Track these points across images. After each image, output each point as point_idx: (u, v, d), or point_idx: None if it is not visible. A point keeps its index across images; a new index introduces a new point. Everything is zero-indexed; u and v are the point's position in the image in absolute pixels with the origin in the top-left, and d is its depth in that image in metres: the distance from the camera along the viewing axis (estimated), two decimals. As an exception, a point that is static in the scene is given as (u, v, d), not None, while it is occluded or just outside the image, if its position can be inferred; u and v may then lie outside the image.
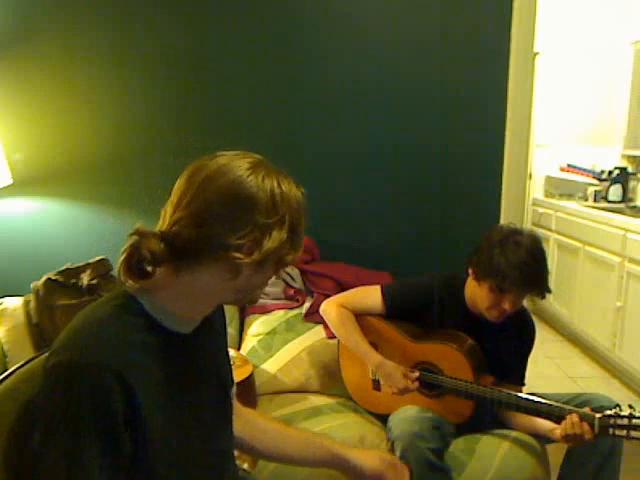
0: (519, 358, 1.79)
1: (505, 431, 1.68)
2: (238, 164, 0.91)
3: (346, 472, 1.14)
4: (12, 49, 2.27)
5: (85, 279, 1.98)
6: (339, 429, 1.72)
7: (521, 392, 1.65)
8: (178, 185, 0.92)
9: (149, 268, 0.87)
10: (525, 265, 1.56)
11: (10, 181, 2.18)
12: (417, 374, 1.69)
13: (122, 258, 0.88)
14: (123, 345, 0.84)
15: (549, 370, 3.34)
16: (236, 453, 1.16)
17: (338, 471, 1.15)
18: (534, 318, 1.85)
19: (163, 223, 0.91)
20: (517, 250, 1.58)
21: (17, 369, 0.98)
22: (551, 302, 3.98)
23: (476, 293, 1.67)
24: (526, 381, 1.80)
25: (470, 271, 1.70)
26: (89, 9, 2.31)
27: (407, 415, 1.56)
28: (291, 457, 1.17)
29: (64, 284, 1.96)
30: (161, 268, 0.88)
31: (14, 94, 2.30)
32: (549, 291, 1.62)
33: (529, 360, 1.81)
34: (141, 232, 0.88)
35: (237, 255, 0.86)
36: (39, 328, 1.90)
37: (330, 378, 2.01)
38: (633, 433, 1.39)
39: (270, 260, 0.90)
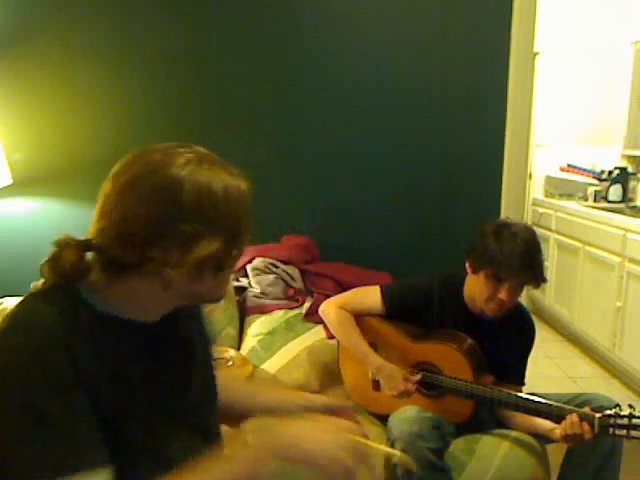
0: (519, 357, 1.79)
1: (505, 431, 1.68)
2: (168, 163, 0.83)
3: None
4: (12, 49, 2.27)
5: (85, 279, 1.97)
6: (339, 429, 1.72)
7: (521, 392, 1.65)
8: (104, 185, 0.86)
9: (72, 275, 0.83)
10: (520, 252, 1.57)
11: (10, 181, 2.18)
12: (418, 377, 1.69)
13: (44, 270, 0.84)
14: (67, 319, 0.81)
15: (549, 370, 3.34)
16: None
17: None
18: (534, 318, 1.85)
19: (92, 229, 0.85)
20: (512, 239, 1.59)
21: None
22: (551, 302, 3.98)
23: (474, 286, 1.67)
24: (526, 381, 1.79)
25: (467, 265, 1.70)
26: (89, 9, 2.31)
27: (407, 415, 1.56)
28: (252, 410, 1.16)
29: (64, 284, 1.95)
30: (93, 273, 0.84)
31: (14, 94, 2.30)
32: (544, 280, 1.63)
33: (529, 360, 1.81)
34: (62, 243, 0.85)
35: (162, 268, 0.81)
36: (39, 328, 1.89)
37: (330, 378, 2.01)
38: (633, 433, 1.39)
39: (206, 267, 0.83)
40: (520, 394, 1.58)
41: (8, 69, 2.29)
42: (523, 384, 1.77)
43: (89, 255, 0.84)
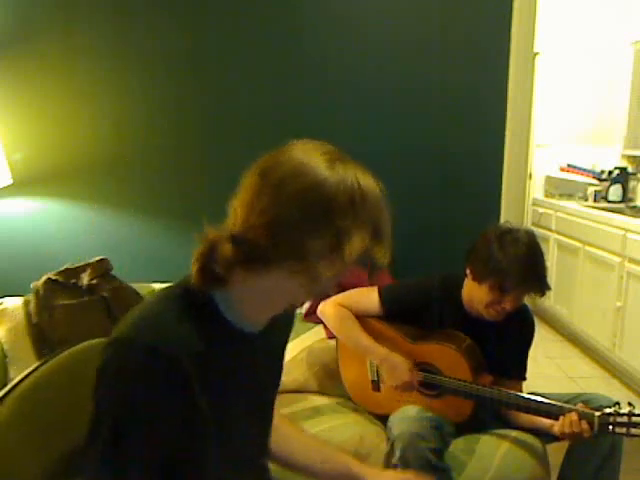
0: (520, 353, 1.79)
1: (505, 431, 1.68)
2: (314, 162, 0.85)
3: None
4: (12, 49, 2.27)
5: (85, 279, 1.98)
6: (339, 429, 1.72)
7: (522, 388, 1.66)
8: (249, 183, 0.87)
9: (222, 273, 0.84)
10: (525, 263, 1.56)
11: (10, 181, 2.18)
12: (421, 375, 1.69)
13: (196, 268, 0.85)
14: (184, 333, 0.81)
15: (549, 370, 3.34)
16: None
17: None
18: (534, 318, 1.85)
19: (234, 224, 0.85)
20: (516, 247, 1.57)
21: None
22: (551, 302, 3.98)
23: (474, 293, 1.66)
24: (526, 381, 1.80)
25: (468, 271, 1.69)
26: (89, 9, 2.31)
27: (407, 415, 1.56)
28: (309, 467, 1.15)
29: (64, 284, 1.95)
30: (234, 270, 0.84)
31: (14, 94, 2.30)
32: (549, 288, 1.62)
33: (529, 360, 1.81)
34: (213, 240, 0.85)
35: (316, 264, 0.82)
36: (39, 328, 1.89)
37: (330, 378, 2.01)
38: (633, 430, 1.39)
39: (351, 263, 0.85)
40: (519, 393, 1.58)
41: (8, 69, 2.28)
42: (524, 379, 1.78)
43: (234, 249, 0.84)
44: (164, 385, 0.78)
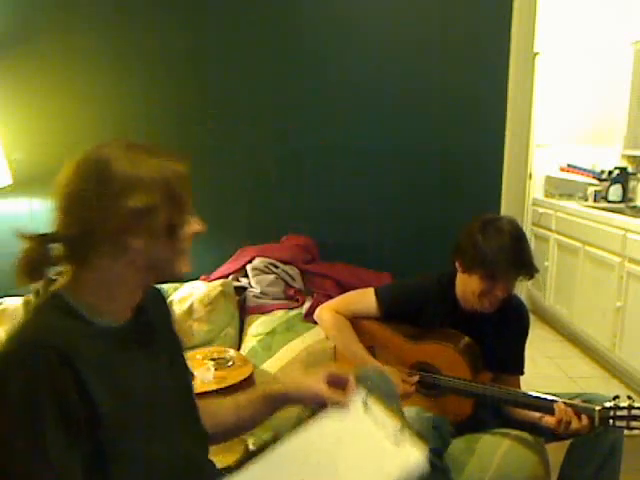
0: (517, 347, 1.80)
1: (505, 430, 1.68)
2: (95, 147, 0.92)
3: (294, 403, 1.13)
4: (12, 49, 2.27)
5: (85, 279, 1.97)
6: (339, 429, 1.72)
7: (520, 382, 1.68)
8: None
9: (46, 270, 0.90)
10: (511, 249, 1.58)
11: (10, 181, 2.18)
12: (416, 378, 1.69)
13: (17, 265, 0.91)
14: (62, 330, 0.86)
15: (549, 370, 3.34)
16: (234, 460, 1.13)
17: (290, 406, 1.13)
18: (534, 318, 1.85)
19: (53, 226, 0.92)
20: (501, 237, 1.59)
21: None
22: (551, 302, 3.98)
23: (466, 286, 1.67)
24: (526, 381, 1.80)
25: (457, 264, 1.70)
26: (89, 9, 2.31)
27: (406, 415, 1.56)
28: (239, 421, 1.13)
29: (64, 284, 1.95)
30: (65, 267, 0.90)
31: (14, 94, 2.30)
32: (537, 271, 1.63)
33: (529, 361, 1.81)
34: (29, 237, 0.92)
35: (119, 238, 0.87)
36: (39, 328, 1.89)
37: (330, 378, 2.01)
38: (633, 423, 1.41)
39: (157, 229, 0.90)
40: (519, 390, 1.59)
41: (8, 69, 2.29)
42: (522, 373, 1.79)
43: (53, 248, 0.90)
44: (44, 371, 0.80)
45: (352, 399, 1.03)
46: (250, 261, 2.37)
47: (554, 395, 1.63)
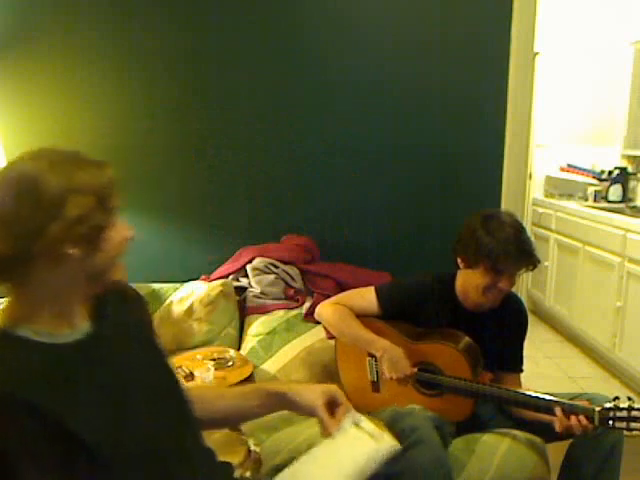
0: (516, 344, 1.81)
1: (504, 430, 1.68)
2: (15, 161, 0.91)
3: (288, 407, 1.12)
4: (12, 49, 2.27)
5: (85, 279, 1.97)
6: (339, 429, 1.72)
7: (520, 380, 1.69)
8: None
9: None
10: (514, 240, 1.60)
11: (10, 181, 2.18)
12: (415, 369, 1.69)
13: None
14: (20, 371, 0.84)
15: (549, 370, 3.34)
16: (236, 462, 1.13)
17: (285, 409, 1.13)
18: (534, 318, 1.86)
19: None
20: (503, 230, 1.61)
21: None
22: (551, 302, 3.98)
23: (469, 281, 1.68)
24: (526, 382, 1.80)
25: (459, 260, 1.70)
26: (89, 9, 2.31)
27: (407, 415, 1.56)
28: (231, 414, 1.15)
29: (64, 284, 1.95)
30: (5, 289, 0.88)
31: (14, 94, 2.30)
32: (539, 261, 1.65)
33: (529, 360, 1.82)
34: None
35: (51, 248, 0.86)
36: (39, 328, 1.89)
37: (330, 378, 2.00)
38: (633, 425, 1.40)
39: (87, 233, 0.88)
40: (520, 390, 1.59)
41: (8, 69, 2.29)
42: (522, 371, 1.80)
43: None
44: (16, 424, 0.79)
45: (342, 426, 1.03)
46: (250, 261, 2.36)
47: (554, 395, 1.63)
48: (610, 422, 1.42)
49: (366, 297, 1.82)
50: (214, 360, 1.94)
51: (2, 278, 0.88)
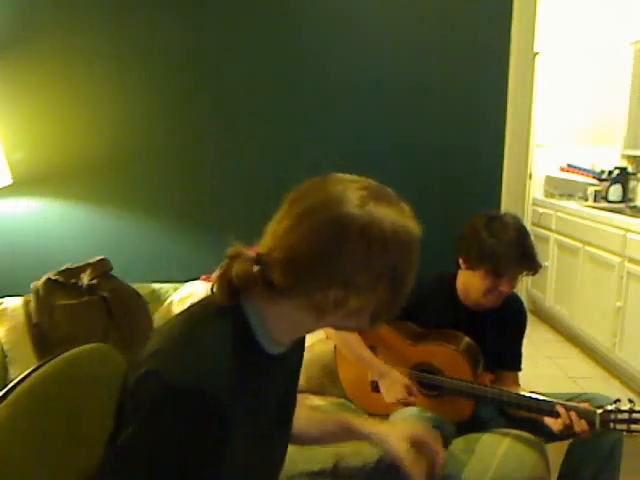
0: (515, 342, 1.81)
1: (505, 430, 1.68)
2: (346, 196, 0.83)
3: (372, 445, 1.18)
4: (12, 49, 2.27)
5: (85, 279, 1.98)
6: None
7: (519, 379, 1.69)
8: (283, 205, 0.89)
9: (242, 288, 0.85)
10: (518, 246, 1.60)
11: (10, 181, 2.18)
12: (414, 385, 1.69)
13: (218, 282, 0.87)
14: (223, 367, 0.82)
15: (549, 370, 3.34)
16: None
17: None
18: (534, 318, 1.86)
19: (263, 244, 0.87)
20: (506, 232, 1.61)
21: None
22: (551, 302, 3.98)
23: (470, 282, 1.68)
24: (526, 381, 1.80)
25: (460, 261, 1.70)
26: (89, 9, 2.31)
27: (407, 415, 1.56)
28: (311, 435, 1.18)
29: (64, 284, 1.95)
30: (258, 288, 0.84)
31: (14, 94, 2.30)
32: (540, 266, 1.65)
33: (529, 360, 1.82)
34: (232, 255, 0.88)
35: (321, 305, 0.83)
36: (39, 328, 1.89)
37: (330, 378, 2.01)
38: (634, 427, 1.41)
39: (364, 314, 0.86)
40: (520, 392, 1.59)
41: (8, 69, 2.28)
42: (520, 369, 1.80)
43: (256, 269, 0.84)
44: (203, 425, 0.78)
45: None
46: (250, 261, 2.36)
47: (554, 395, 1.63)
48: (611, 424, 1.42)
49: None
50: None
51: (267, 281, 0.83)
